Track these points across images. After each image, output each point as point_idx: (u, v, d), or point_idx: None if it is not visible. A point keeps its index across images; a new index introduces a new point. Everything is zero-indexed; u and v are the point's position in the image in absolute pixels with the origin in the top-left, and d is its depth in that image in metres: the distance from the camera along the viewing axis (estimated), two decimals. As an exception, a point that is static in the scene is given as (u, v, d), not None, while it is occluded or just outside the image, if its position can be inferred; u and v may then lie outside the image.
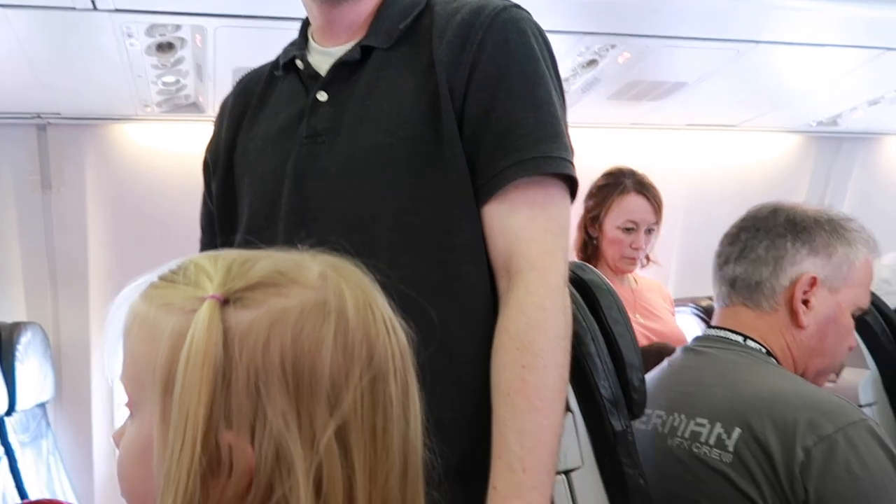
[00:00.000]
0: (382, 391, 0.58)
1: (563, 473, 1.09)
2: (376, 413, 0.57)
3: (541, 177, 0.99)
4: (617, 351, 1.14)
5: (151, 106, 2.51)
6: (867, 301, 1.37)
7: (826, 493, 1.05)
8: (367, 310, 0.59)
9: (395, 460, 0.58)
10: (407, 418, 0.59)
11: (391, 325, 0.61)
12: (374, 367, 0.57)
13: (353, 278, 0.61)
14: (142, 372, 0.58)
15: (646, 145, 3.42)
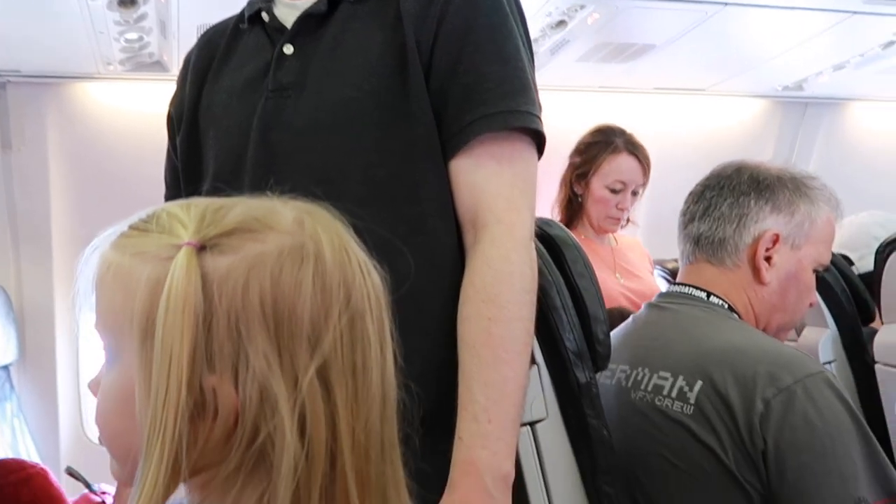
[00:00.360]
0: (360, 331, 0.59)
1: (527, 425, 1.10)
2: (355, 352, 0.58)
3: (508, 131, 0.99)
4: (582, 304, 1.15)
5: (114, 64, 2.46)
6: (828, 258, 1.40)
7: (784, 442, 1.08)
8: (343, 252, 0.61)
9: (376, 397, 0.59)
10: (384, 356, 0.61)
11: (366, 268, 0.62)
12: (352, 307, 0.59)
13: (327, 222, 0.62)
14: (118, 320, 0.59)
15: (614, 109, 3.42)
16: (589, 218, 2.42)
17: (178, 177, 1.17)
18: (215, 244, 0.58)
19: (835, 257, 2.01)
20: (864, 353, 1.90)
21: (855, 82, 3.43)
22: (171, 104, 1.22)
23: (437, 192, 1.00)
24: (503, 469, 0.90)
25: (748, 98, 3.65)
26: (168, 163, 1.24)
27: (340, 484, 0.57)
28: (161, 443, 0.54)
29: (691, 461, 1.14)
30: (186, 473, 0.55)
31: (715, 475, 1.12)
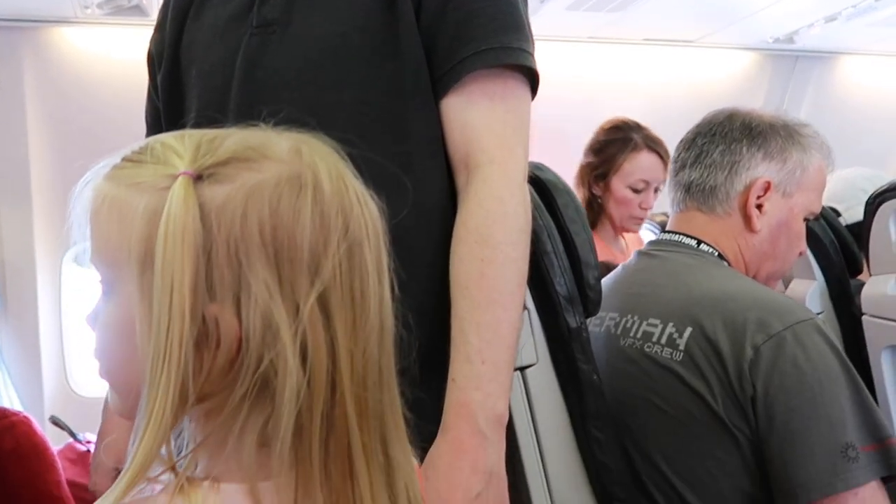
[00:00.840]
0: (359, 259, 0.59)
1: (518, 370, 1.10)
2: (354, 281, 0.59)
3: (500, 68, 0.97)
4: (573, 250, 1.13)
5: (92, 7, 2.40)
6: (819, 207, 1.38)
7: (773, 388, 1.07)
8: (340, 181, 0.61)
9: (374, 326, 0.60)
10: (381, 286, 0.61)
11: (363, 198, 0.62)
12: (350, 236, 0.59)
13: (323, 152, 0.62)
14: (115, 252, 0.59)
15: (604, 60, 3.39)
16: (611, 219, 2.31)
17: (159, 117, 1.14)
18: (211, 173, 0.58)
19: (823, 209, 2.01)
20: (851, 304, 1.91)
21: (846, 35, 3.41)
22: (152, 42, 1.19)
23: (428, 131, 0.98)
24: (497, 410, 0.90)
25: (738, 51, 3.63)
26: (149, 103, 1.21)
27: (340, 410, 0.57)
28: (167, 371, 0.54)
29: (680, 407, 1.14)
30: (193, 400, 0.56)
31: (703, 420, 1.12)
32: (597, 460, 1.12)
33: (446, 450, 0.87)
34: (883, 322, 1.70)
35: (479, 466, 0.87)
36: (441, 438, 0.88)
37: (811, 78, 3.81)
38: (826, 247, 1.97)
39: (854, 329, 1.83)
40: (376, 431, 0.60)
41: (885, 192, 1.71)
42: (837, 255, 1.98)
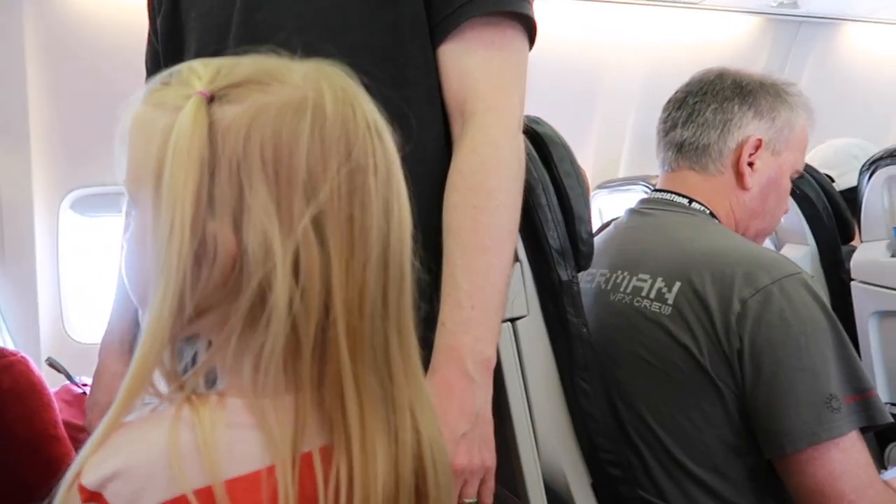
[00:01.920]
0: (361, 185, 0.60)
1: (508, 321, 1.11)
2: (353, 206, 0.60)
3: (498, 17, 0.97)
4: (567, 203, 1.14)
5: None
6: (803, 165, 1.40)
7: (760, 340, 1.09)
8: (347, 107, 0.62)
9: (372, 254, 0.61)
10: (389, 217, 0.62)
11: (374, 126, 0.63)
12: (353, 161, 0.60)
13: (335, 78, 0.63)
14: (139, 169, 0.61)
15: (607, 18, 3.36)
16: None
17: (159, 61, 1.14)
18: (224, 94, 0.60)
19: (819, 175, 2.01)
20: (841, 270, 1.92)
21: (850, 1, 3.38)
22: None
23: (425, 76, 0.98)
24: (485, 353, 0.91)
25: (741, 14, 3.60)
26: (149, 47, 1.21)
27: (332, 336, 0.59)
28: (166, 280, 0.56)
29: (666, 359, 1.16)
30: (191, 312, 0.58)
31: (689, 373, 1.14)
32: (583, 411, 1.14)
33: (434, 391, 0.88)
34: (871, 288, 1.72)
35: (465, 408, 0.89)
36: (430, 380, 0.90)
37: (814, 44, 3.79)
38: (819, 212, 1.98)
39: (843, 294, 1.84)
40: (372, 364, 0.61)
41: (880, 159, 1.72)
42: (830, 221, 1.99)
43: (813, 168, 1.99)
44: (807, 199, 1.95)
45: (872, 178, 1.72)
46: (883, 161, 1.70)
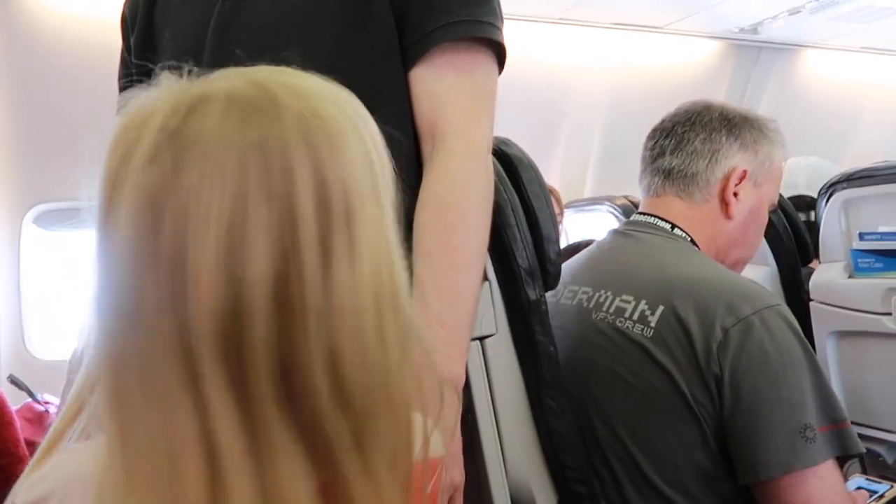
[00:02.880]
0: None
1: (477, 340, 1.12)
2: None
3: (468, 41, 0.99)
4: (535, 224, 1.16)
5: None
6: (777, 199, 1.44)
7: (741, 368, 1.12)
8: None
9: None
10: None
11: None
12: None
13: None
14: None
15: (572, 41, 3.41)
16: None
17: (132, 79, 1.14)
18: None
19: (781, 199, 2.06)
20: (800, 290, 1.96)
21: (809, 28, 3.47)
22: (126, 5, 1.19)
23: (396, 99, 1.00)
24: (453, 372, 0.92)
25: (704, 39, 3.68)
26: (122, 65, 1.21)
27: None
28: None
29: (646, 381, 1.18)
30: None
31: (667, 395, 1.16)
32: (550, 428, 1.15)
33: None
34: (829, 308, 1.76)
35: None
36: None
37: (774, 69, 3.88)
38: (780, 234, 2.02)
39: (802, 314, 1.88)
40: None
41: (837, 183, 1.76)
42: (790, 243, 2.03)
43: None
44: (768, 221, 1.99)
45: (830, 202, 1.77)
46: (840, 185, 1.74)
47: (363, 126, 0.58)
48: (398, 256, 0.56)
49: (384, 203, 0.56)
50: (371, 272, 0.53)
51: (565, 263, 1.30)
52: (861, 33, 3.57)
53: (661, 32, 3.52)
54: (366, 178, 0.55)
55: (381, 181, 0.57)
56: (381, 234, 0.55)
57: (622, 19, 3.34)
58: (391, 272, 0.55)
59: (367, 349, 0.52)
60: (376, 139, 0.58)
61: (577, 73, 3.46)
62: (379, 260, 0.53)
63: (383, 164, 0.58)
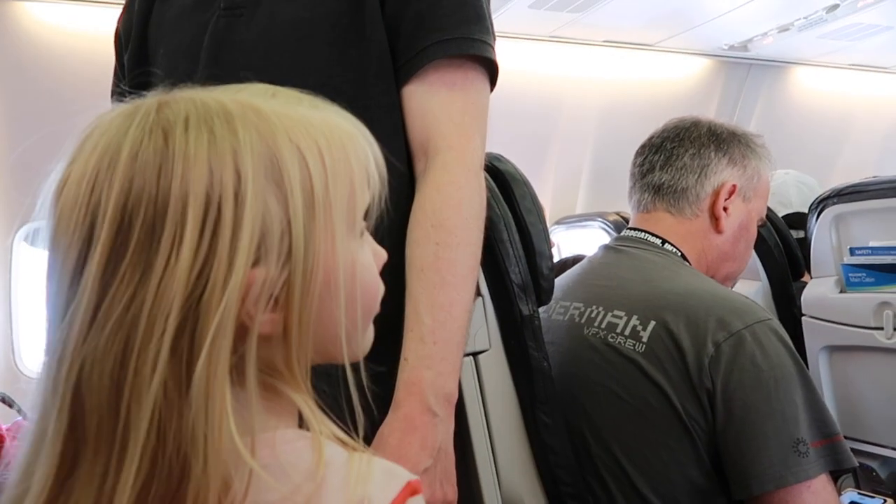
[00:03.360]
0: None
1: (470, 355, 1.12)
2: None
3: (461, 59, 0.99)
4: (528, 239, 1.16)
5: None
6: (765, 212, 1.46)
7: (733, 382, 1.12)
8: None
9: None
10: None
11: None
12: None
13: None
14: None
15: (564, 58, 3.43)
16: None
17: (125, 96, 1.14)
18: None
19: (771, 214, 2.07)
20: (792, 305, 1.97)
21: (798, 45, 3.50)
22: (120, 21, 1.19)
23: (389, 116, 1.00)
24: (446, 388, 0.92)
25: (694, 56, 3.70)
26: (115, 81, 1.21)
27: None
28: None
29: (638, 396, 1.18)
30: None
31: (660, 410, 1.16)
32: (544, 444, 1.15)
33: (397, 427, 0.90)
34: (821, 323, 1.77)
35: (427, 443, 0.90)
36: (392, 416, 0.90)
37: (763, 85, 3.91)
38: (771, 249, 2.03)
39: (794, 328, 1.89)
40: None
41: (827, 198, 1.78)
42: (781, 258, 2.04)
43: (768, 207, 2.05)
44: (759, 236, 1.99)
45: (820, 217, 1.78)
46: (830, 200, 1.75)
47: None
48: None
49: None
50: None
51: (557, 279, 1.30)
52: (849, 50, 3.60)
53: (652, 50, 3.55)
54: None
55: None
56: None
57: (613, 37, 3.36)
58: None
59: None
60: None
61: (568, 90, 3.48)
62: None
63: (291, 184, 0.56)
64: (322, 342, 0.58)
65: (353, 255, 0.60)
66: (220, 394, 0.52)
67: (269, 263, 0.54)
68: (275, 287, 0.54)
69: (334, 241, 0.57)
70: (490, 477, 1.12)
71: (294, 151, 0.56)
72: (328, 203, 0.57)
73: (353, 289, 0.59)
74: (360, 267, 0.61)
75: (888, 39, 3.42)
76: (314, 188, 0.56)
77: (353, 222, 0.60)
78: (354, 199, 0.59)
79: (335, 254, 0.57)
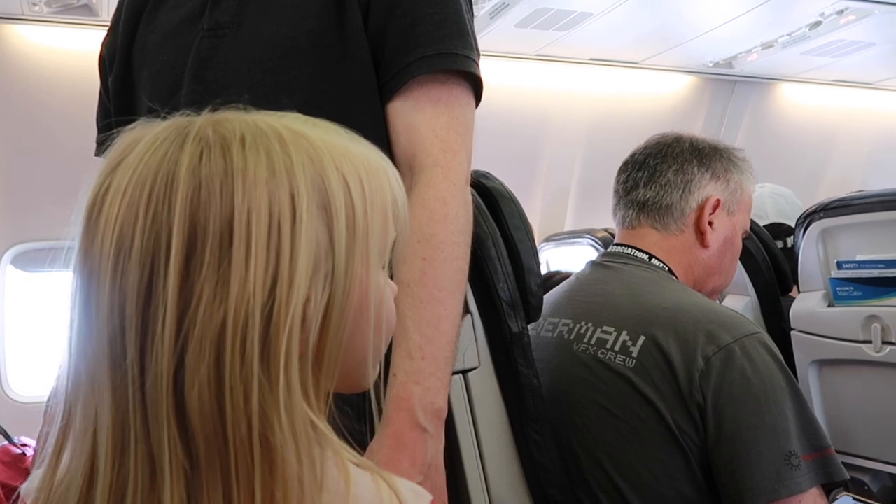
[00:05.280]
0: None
1: (460, 373, 1.12)
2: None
3: (445, 74, 1.00)
4: (516, 256, 1.16)
5: (40, 5, 2.37)
6: (749, 225, 1.46)
7: (723, 396, 1.12)
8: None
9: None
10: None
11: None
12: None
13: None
14: None
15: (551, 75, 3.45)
16: None
17: (111, 119, 1.14)
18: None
19: (759, 229, 2.08)
20: (781, 320, 1.98)
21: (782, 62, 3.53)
22: (104, 45, 1.19)
23: (374, 134, 0.99)
24: (436, 404, 0.92)
25: (679, 73, 3.73)
26: (100, 106, 1.21)
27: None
28: None
29: (629, 411, 1.18)
30: None
31: (651, 425, 1.16)
32: (534, 461, 1.14)
33: (387, 443, 0.89)
34: (810, 337, 1.77)
35: (417, 460, 0.89)
36: (382, 432, 0.90)
37: (749, 101, 3.94)
38: (759, 264, 2.04)
39: (783, 343, 1.89)
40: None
41: (814, 212, 1.78)
42: (769, 273, 2.05)
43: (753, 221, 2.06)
44: (746, 251, 2.00)
45: (807, 232, 1.78)
46: (816, 214, 1.76)
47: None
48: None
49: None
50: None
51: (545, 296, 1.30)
52: (833, 66, 3.63)
53: (638, 68, 3.57)
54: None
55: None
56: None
57: (599, 55, 3.38)
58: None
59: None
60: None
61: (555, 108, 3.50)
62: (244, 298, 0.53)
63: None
64: (347, 366, 0.59)
65: (381, 284, 0.61)
66: (301, 413, 0.53)
67: (316, 284, 0.55)
68: (318, 308, 0.55)
69: (368, 269, 0.59)
70: (481, 495, 1.11)
71: (339, 178, 0.57)
72: (366, 230, 0.58)
73: (381, 316, 0.61)
74: (386, 296, 0.63)
75: (871, 55, 3.45)
76: (356, 214, 0.58)
77: (384, 252, 0.62)
78: (387, 229, 0.61)
79: (368, 280, 0.59)
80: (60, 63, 2.59)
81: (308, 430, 0.54)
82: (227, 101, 0.94)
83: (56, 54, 2.61)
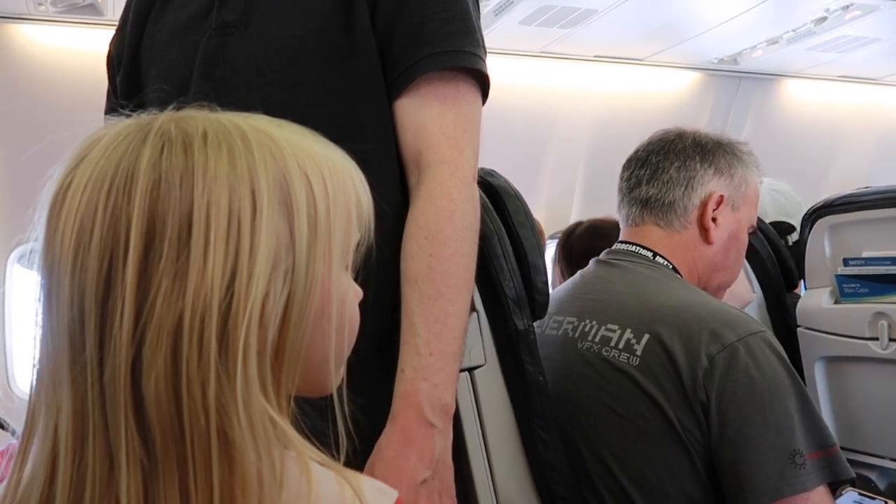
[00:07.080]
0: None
1: (466, 371, 1.12)
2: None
3: (452, 72, 1.00)
4: (522, 253, 1.16)
5: (45, 4, 2.37)
6: (756, 220, 1.45)
7: (727, 395, 1.12)
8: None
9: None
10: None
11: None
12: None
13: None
14: None
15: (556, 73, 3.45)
16: None
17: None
18: None
19: (763, 224, 2.08)
20: (787, 317, 1.97)
21: (787, 58, 3.52)
22: (112, 43, 1.20)
23: (382, 132, 1.00)
24: (443, 399, 0.92)
25: (684, 70, 3.73)
26: (108, 104, 1.21)
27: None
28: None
29: (634, 409, 1.18)
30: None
31: (655, 423, 1.16)
32: (541, 459, 1.14)
33: (395, 439, 0.90)
34: (816, 334, 1.76)
35: (425, 455, 0.90)
36: (390, 428, 0.90)
37: (754, 98, 3.93)
38: (764, 261, 2.03)
39: (789, 340, 1.89)
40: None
41: (820, 209, 1.78)
42: (775, 269, 2.04)
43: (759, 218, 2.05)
44: (752, 248, 2.00)
45: (814, 228, 1.78)
46: (823, 211, 1.76)
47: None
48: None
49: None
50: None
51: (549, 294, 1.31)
52: (838, 62, 3.62)
53: (643, 64, 3.57)
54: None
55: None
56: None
57: (604, 52, 3.38)
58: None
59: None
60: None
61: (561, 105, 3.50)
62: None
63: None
64: (308, 367, 0.59)
65: (344, 285, 0.61)
66: (259, 408, 0.53)
67: (276, 280, 0.55)
68: (278, 305, 0.55)
69: (331, 268, 0.59)
70: (487, 492, 1.11)
71: (302, 176, 0.58)
72: (329, 229, 0.58)
73: (343, 317, 0.61)
74: (349, 298, 0.62)
75: (876, 51, 3.44)
76: (318, 213, 0.58)
77: (347, 253, 0.62)
78: (351, 230, 0.61)
79: (330, 280, 0.59)
80: (66, 62, 2.60)
81: (267, 426, 0.54)
82: (237, 100, 0.95)
83: (62, 54, 2.61)
